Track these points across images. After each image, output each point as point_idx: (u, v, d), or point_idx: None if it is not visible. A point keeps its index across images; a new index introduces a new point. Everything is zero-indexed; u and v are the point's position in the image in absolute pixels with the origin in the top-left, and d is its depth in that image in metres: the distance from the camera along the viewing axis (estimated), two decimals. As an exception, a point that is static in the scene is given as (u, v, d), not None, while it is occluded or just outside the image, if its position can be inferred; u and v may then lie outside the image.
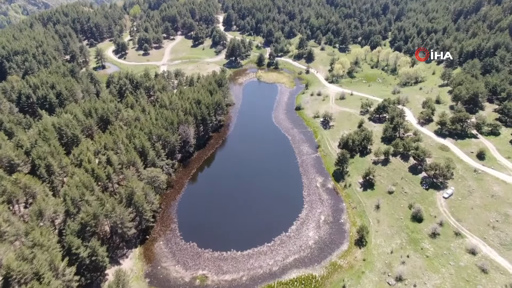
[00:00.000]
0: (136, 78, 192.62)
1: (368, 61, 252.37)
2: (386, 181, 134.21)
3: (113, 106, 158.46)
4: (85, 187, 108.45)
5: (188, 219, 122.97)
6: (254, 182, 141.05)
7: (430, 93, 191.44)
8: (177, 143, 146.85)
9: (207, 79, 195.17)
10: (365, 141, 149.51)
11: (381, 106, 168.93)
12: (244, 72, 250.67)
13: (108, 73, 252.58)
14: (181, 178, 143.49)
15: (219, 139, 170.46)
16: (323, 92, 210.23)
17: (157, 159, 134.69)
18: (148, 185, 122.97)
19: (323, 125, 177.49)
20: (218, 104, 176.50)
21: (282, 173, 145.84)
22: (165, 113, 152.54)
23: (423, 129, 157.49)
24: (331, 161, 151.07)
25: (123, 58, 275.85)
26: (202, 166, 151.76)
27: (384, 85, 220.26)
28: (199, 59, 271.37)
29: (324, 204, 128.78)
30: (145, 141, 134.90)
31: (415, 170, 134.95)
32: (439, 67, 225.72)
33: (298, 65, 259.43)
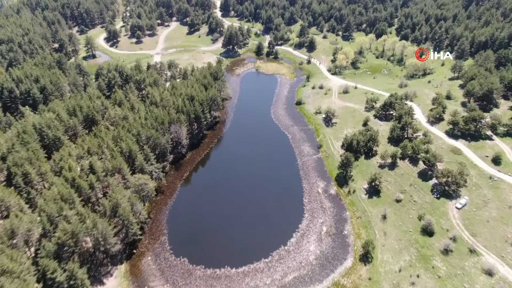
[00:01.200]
0: (126, 71, 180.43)
1: (373, 51, 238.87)
2: (393, 187, 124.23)
3: (100, 104, 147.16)
4: (63, 200, 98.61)
5: (179, 230, 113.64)
6: (251, 187, 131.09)
7: (440, 87, 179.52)
8: (168, 144, 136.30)
9: (202, 72, 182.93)
10: (370, 142, 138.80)
11: (387, 103, 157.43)
12: (241, 62, 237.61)
13: (99, 62, 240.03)
14: (173, 183, 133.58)
15: (214, 138, 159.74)
16: (325, 85, 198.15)
17: (146, 164, 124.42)
18: (135, 194, 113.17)
19: (325, 122, 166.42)
20: (213, 100, 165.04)
21: (281, 177, 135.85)
22: (156, 111, 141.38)
23: (433, 128, 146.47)
24: (333, 163, 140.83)
25: (115, 47, 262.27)
26: (195, 168, 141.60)
27: (390, 77, 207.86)
28: (195, 48, 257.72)
29: (326, 213, 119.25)
30: (133, 144, 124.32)
31: (425, 176, 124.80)
32: (449, 58, 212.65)
33: (299, 54, 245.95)
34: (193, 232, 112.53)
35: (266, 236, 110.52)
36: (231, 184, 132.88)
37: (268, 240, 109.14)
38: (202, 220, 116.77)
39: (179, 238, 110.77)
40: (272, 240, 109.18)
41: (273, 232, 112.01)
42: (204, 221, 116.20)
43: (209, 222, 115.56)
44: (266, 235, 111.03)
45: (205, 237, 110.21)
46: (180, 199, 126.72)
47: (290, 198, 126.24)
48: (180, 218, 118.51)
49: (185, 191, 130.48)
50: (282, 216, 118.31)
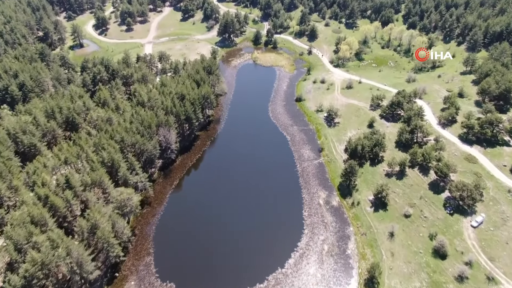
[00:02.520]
0: (112, 65, 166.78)
1: (378, 40, 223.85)
2: (401, 200, 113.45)
3: (81, 105, 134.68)
4: (34, 222, 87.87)
5: (166, 249, 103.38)
6: (246, 197, 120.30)
7: (451, 83, 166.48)
8: (155, 150, 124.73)
9: (194, 66, 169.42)
10: (377, 147, 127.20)
11: (395, 102, 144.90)
12: (238, 53, 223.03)
13: (86, 52, 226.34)
14: (161, 192, 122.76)
15: (207, 140, 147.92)
16: (327, 79, 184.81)
17: (130, 175, 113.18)
18: (117, 210, 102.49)
19: (327, 121, 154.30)
20: (206, 98, 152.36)
21: (279, 186, 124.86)
22: (142, 113, 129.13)
23: (445, 132, 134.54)
24: (336, 169, 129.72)
25: (104, 35, 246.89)
26: (186, 175, 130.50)
27: (396, 69, 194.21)
28: (189, 36, 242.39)
29: (328, 229, 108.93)
30: (116, 152, 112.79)
31: (436, 187, 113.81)
32: (460, 49, 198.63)
33: (299, 44, 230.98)
34: (182, 251, 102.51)
35: (262, 257, 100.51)
36: (224, 194, 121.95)
37: (264, 261, 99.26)
38: (192, 237, 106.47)
39: (167, 258, 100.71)
40: (268, 261, 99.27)
41: (269, 251, 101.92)
42: (194, 238, 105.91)
43: (199, 239, 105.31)
44: (262, 255, 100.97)
45: (195, 257, 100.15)
46: (168, 211, 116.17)
47: (288, 210, 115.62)
48: (168, 234, 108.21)
49: (175, 202, 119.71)
50: (279, 233, 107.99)
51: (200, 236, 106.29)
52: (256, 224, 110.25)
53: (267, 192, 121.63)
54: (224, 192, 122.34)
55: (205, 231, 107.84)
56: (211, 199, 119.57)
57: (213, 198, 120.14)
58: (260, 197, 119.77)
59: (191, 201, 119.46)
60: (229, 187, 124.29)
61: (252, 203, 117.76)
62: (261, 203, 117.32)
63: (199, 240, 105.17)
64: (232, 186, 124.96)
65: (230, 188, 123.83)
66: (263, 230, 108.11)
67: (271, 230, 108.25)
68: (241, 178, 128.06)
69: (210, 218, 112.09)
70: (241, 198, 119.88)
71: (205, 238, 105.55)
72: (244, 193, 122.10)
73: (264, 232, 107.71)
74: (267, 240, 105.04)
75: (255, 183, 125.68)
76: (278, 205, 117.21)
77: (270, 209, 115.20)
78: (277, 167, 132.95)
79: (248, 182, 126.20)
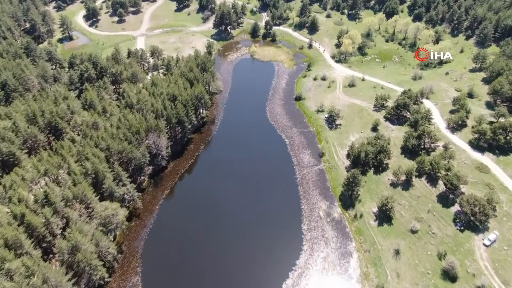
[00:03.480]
0: (100, 62, 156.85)
1: (382, 33, 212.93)
2: (408, 213, 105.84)
3: (65, 107, 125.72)
4: (7, 246, 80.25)
5: (155, 267, 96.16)
6: (242, 209, 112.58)
7: (460, 81, 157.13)
8: (144, 158, 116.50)
9: (188, 63, 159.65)
10: (381, 154, 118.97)
11: (401, 104, 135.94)
12: (235, 46, 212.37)
13: (76, 46, 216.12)
14: (151, 203, 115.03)
15: (200, 143, 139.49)
16: (328, 76, 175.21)
17: (117, 186, 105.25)
18: (101, 227, 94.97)
19: (328, 123, 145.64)
20: (200, 99, 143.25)
21: (277, 195, 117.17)
22: (130, 118, 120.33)
23: (455, 137, 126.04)
24: (337, 177, 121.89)
25: (95, 27, 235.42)
26: (177, 183, 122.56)
27: (401, 65, 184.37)
28: (183, 28, 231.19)
29: (328, 245, 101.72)
30: (101, 162, 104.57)
31: (445, 200, 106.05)
32: (468, 43, 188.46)
33: (299, 36, 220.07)
34: (172, 269, 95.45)
35: (258, 277, 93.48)
36: (218, 204, 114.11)
37: (260, 282, 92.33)
38: (183, 252, 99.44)
39: (155, 279, 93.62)
40: (264, 283, 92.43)
41: (266, 270, 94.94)
42: (185, 254, 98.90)
43: (190, 255, 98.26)
44: (258, 275, 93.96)
45: (185, 277, 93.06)
46: (158, 224, 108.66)
47: (287, 224, 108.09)
48: (158, 250, 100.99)
49: (165, 213, 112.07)
50: (277, 249, 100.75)
51: (191, 252, 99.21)
52: (253, 239, 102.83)
53: (264, 202, 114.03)
54: (217, 203, 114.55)
55: (196, 247, 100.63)
56: (203, 210, 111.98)
57: (206, 208, 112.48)
58: (257, 208, 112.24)
59: (182, 212, 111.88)
60: (223, 197, 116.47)
61: (248, 214, 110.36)
62: (258, 215, 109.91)
63: (190, 256, 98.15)
64: (226, 195, 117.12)
65: (224, 198, 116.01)
66: (260, 247, 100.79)
67: (268, 246, 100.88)
68: (236, 186, 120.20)
69: (202, 232, 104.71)
70: (236, 209, 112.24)
71: (196, 254, 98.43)
72: (239, 203, 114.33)
73: (261, 248, 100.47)
74: (264, 257, 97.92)
75: (251, 192, 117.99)
76: (275, 217, 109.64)
77: (267, 222, 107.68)
78: (275, 174, 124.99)
79: (244, 191, 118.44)
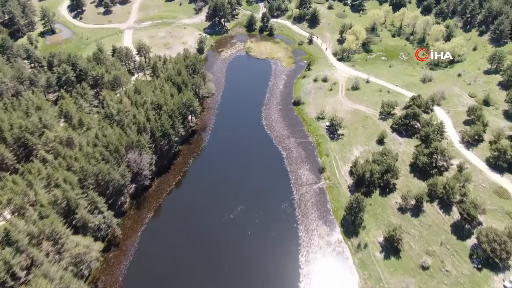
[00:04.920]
0: (80, 64, 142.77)
1: (388, 27, 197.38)
2: (418, 245, 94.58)
3: (37, 120, 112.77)
4: (-44, 301, 69.04)
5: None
6: (233, 236, 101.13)
7: (474, 85, 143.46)
8: (124, 179, 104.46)
9: (176, 64, 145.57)
10: (388, 174, 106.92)
11: (410, 114, 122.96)
12: (229, 41, 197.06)
13: (59, 40, 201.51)
14: (132, 229, 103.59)
15: (189, 156, 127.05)
16: (330, 77, 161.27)
17: (91, 215, 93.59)
18: (72, 267, 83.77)
19: (330, 133, 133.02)
20: (189, 107, 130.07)
21: (272, 219, 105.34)
22: (109, 133, 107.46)
23: (470, 153, 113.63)
24: (339, 197, 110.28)
25: (79, 18, 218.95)
26: (163, 204, 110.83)
27: (409, 64, 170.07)
28: (174, 20, 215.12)
29: (329, 281, 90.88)
30: (73, 189, 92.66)
31: (461, 230, 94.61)
32: (482, 40, 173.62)
33: (298, 30, 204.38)
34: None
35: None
36: (206, 230, 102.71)
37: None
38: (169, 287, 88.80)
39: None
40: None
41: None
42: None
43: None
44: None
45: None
46: (141, 254, 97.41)
47: (283, 255, 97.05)
48: (140, 286, 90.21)
49: (148, 241, 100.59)
50: (273, 285, 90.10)
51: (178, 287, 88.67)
52: (246, 273, 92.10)
53: (258, 227, 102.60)
54: (206, 228, 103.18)
55: (183, 280, 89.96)
56: (191, 237, 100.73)
57: (193, 235, 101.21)
58: (251, 234, 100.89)
59: (168, 239, 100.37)
60: (212, 221, 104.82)
61: (240, 243, 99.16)
62: (252, 243, 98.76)
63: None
64: (216, 219, 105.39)
65: (214, 223, 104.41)
66: (254, 281, 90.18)
67: (263, 281, 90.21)
68: (228, 209, 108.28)
69: (190, 263, 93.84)
70: (226, 236, 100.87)
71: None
72: (230, 229, 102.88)
73: (255, 283, 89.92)
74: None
75: (244, 214, 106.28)
76: (271, 247, 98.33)
77: (261, 252, 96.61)
78: (270, 193, 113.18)
79: (236, 214, 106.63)
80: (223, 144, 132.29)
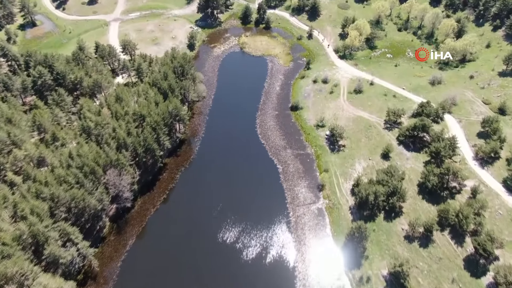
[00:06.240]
0: (57, 66, 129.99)
1: (395, 19, 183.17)
2: (426, 281, 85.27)
3: (5, 136, 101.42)
4: None
5: None
6: (223, 263, 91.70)
7: (488, 89, 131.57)
8: (101, 204, 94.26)
9: (163, 66, 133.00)
10: (394, 197, 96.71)
11: (418, 126, 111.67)
12: (223, 36, 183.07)
13: (40, 33, 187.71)
14: (111, 258, 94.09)
15: (176, 171, 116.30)
16: (331, 78, 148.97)
17: (63, 249, 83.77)
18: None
19: (330, 143, 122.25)
20: (175, 116, 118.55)
21: (266, 246, 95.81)
22: (84, 152, 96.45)
23: (485, 173, 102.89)
24: (339, 220, 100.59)
25: (62, 9, 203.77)
26: (146, 228, 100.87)
27: (416, 62, 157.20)
28: (164, 11, 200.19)
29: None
30: (42, 220, 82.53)
31: (475, 266, 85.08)
32: (496, 36, 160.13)
33: (297, 23, 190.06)
34: None
35: None
36: (193, 258, 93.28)
37: None
38: None
39: None
40: None
41: None
42: None
43: None
44: None
45: None
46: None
47: None
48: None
49: (130, 272, 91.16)
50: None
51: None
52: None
53: (250, 255, 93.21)
54: (193, 256, 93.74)
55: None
56: (175, 266, 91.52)
57: (178, 264, 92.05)
58: (244, 265, 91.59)
59: (151, 270, 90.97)
60: (200, 248, 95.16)
61: (230, 274, 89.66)
62: (245, 275, 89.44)
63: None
64: (204, 245, 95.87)
65: (202, 250, 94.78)
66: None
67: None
68: (216, 232, 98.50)
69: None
70: (216, 264, 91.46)
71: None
72: (219, 256, 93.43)
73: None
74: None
75: (234, 240, 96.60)
76: (265, 280, 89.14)
77: (255, 285, 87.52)
78: (264, 215, 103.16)
79: (226, 240, 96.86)
80: (213, 157, 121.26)
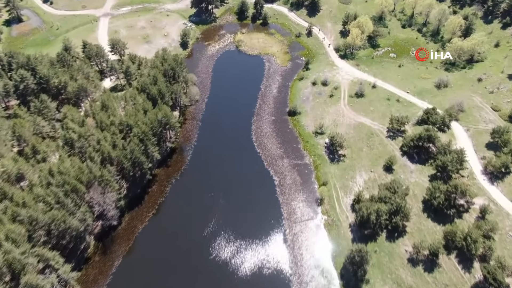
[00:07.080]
0: (40, 70, 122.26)
1: (398, 15, 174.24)
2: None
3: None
4: None
5: None
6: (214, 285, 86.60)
7: (497, 94, 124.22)
8: (84, 224, 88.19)
9: (152, 69, 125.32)
10: (397, 216, 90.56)
11: (424, 137, 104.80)
12: (217, 33, 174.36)
13: (26, 30, 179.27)
14: (95, 282, 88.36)
15: (166, 183, 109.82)
16: (331, 79, 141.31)
17: (42, 276, 77.97)
18: None
19: (329, 152, 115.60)
20: (165, 125, 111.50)
21: (261, 269, 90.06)
22: (65, 168, 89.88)
23: (494, 189, 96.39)
24: (339, 239, 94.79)
25: (49, 3, 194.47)
26: (133, 247, 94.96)
27: (422, 63, 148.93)
28: (156, 6, 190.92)
29: None
30: (18, 246, 76.51)
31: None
32: (506, 35, 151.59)
33: (296, 19, 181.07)
34: None
35: None
36: (183, 277, 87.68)
37: None
38: None
39: None
40: None
41: None
42: None
43: None
44: None
45: None
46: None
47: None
48: None
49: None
50: None
51: None
52: None
53: (242, 278, 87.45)
54: (183, 275, 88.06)
55: None
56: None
57: (169, 286, 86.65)
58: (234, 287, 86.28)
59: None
60: (191, 267, 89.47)
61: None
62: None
63: None
64: (196, 264, 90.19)
65: (193, 269, 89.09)
66: None
67: None
68: (208, 250, 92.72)
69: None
70: (207, 285, 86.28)
71: None
72: (211, 277, 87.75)
73: None
74: None
75: (227, 262, 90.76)
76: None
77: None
78: (259, 232, 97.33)
79: (218, 261, 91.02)
80: (206, 167, 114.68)
